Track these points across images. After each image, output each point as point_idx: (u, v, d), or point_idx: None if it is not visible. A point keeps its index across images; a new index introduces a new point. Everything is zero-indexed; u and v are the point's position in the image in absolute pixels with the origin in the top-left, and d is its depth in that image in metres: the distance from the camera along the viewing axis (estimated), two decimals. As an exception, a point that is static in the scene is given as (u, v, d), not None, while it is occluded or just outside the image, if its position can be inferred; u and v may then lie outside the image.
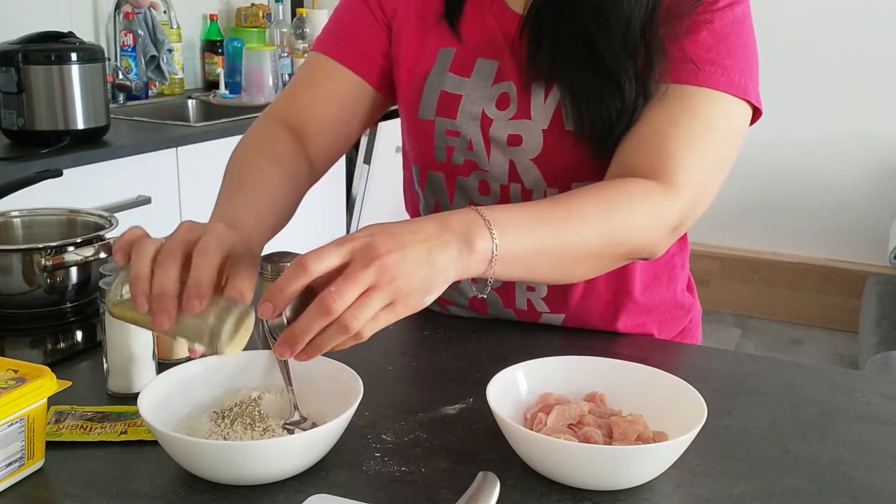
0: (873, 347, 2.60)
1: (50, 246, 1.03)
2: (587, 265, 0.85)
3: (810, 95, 3.48)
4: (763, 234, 3.67)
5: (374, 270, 0.68)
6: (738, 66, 0.91)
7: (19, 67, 2.04)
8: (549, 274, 0.84)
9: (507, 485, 0.71)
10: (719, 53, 0.91)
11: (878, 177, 3.46)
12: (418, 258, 0.70)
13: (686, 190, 0.87)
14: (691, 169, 0.88)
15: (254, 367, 0.84)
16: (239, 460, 0.69)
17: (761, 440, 0.81)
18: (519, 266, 0.78)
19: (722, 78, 0.90)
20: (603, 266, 0.88)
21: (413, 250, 0.70)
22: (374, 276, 0.68)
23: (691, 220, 0.90)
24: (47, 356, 0.99)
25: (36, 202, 1.19)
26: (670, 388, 0.79)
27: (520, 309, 1.06)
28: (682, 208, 0.87)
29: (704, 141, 0.89)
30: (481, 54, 1.00)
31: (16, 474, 0.71)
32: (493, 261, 0.75)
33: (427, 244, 0.71)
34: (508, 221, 0.77)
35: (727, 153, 0.92)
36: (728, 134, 0.92)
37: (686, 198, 0.87)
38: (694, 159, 0.88)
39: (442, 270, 0.71)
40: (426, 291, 0.71)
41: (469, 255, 0.73)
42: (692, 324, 1.16)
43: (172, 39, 2.97)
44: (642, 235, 0.86)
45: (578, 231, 0.82)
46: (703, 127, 0.90)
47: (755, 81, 0.94)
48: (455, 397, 0.88)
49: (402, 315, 0.70)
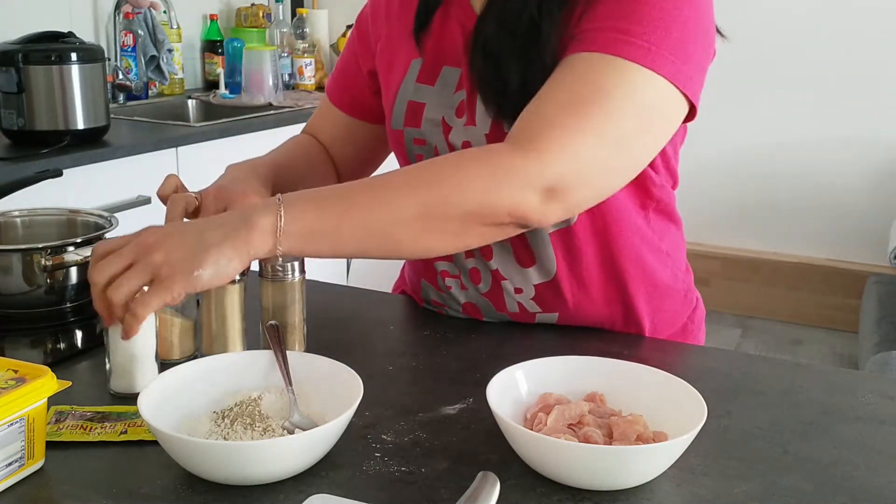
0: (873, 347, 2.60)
1: (50, 246, 1.03)
2: (411, 233, 0.82)
3: (810, 96, 3.47)
4: (763, 234, 3.67)
5: (132, 248, 0.78)
6: (648, 36, 0.84)
7: (19, 67, 2.04)
8: (368, 246, 0.83)
9: (507, 485, 0.71)
10: (623, 20, 0.85)
11: (878, 177, 3.46)
12: (182, 237, 0.77)
13: (556, 152, 0.82)
14: (568, 132, 0.82)
15: (254, 367, 0.84)
16: (239, 460, 0.69)
17: (761, 440, 0.81)
18: (325, 241, 0.81)
19: (619, 44, 0.84)
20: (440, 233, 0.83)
21: (178, 233, 0.78)
22: (133, 253, 0.77)
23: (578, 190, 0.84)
24: (47, 356, 0.99)
25: (36, 202, 1.19)
26: (670, 388, 0.79)
27: (512, 312, 1.06)
28: (553, 171, 0.82)
29: (591, 106, 0.83)
30: (447, 62, 1.02)
31: (16, 474, 0.71)
32: (278, 234, 0.78)
33: (197, 227, 0.79)
34: (300, 197, 0.81)
35: (631, 124, 0.85)
36: (629, 104, 0.85)
37: (558, 160, 0.82)
38: (571, 122, 0.83)
39: (211, 246, 0.77)
40: (191, 266, 0.76)
41: (248, 231, 0.78)
42: (695, 324, 1.15)
43: (172, 39, 2.97)
44: (479, 197, 0.81)
45: (385, 198, 0.82)
46: (591, 92, 0.84)
47: (679, 58, 0.86)
48: (455, 397, 0.88)
49: (175, 290, 0.76)
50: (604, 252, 1.02)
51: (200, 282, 0.76)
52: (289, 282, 0.93)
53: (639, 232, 1.04)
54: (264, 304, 0.94)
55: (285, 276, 0.93)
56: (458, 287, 1.08)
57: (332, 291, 1.21)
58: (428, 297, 1.13)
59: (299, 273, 0.94)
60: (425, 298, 1.14)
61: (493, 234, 0.86)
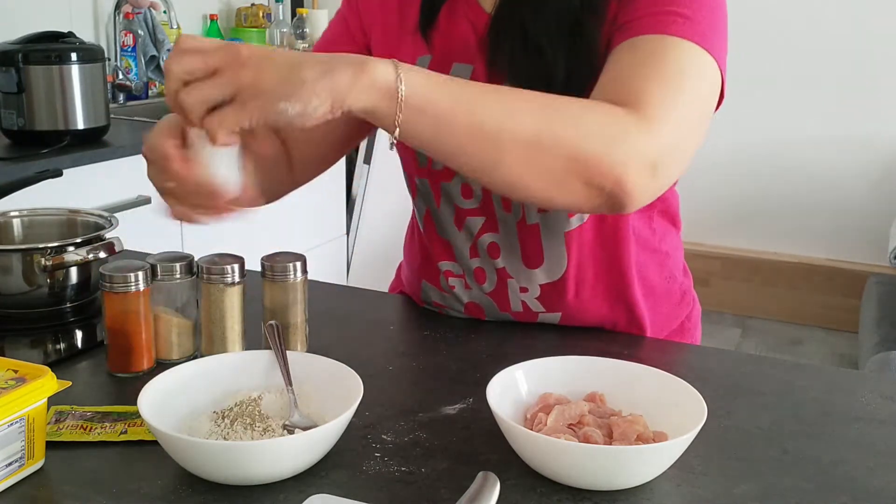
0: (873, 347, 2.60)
1: (50, 246, 1.03)
2: (518, 154, 0.76)
3: (810, 95, 3.48)
4: (763, 234, 3.67)
5: (221, 54, 0.68)
6: (703, 21, 0.85)
7: (19, 67, 2.04)
8: (468, 148, 0.75)
9: (507, 485, 0.71)
10: (681, 5, 0.85)
11: (878, 177, 3.46)
12: (282, 61, 0.69)
13: (663, 126, 0.79)
14: (667, 106, 0.80)
15: (254, 367, 0.84)
16: (239, 460, 0.69)
17: (761, 440, 0.81)
18: (430, 122, 0.73)
19: (685, 27, 0.84)
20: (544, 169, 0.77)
21: (280, 55, 0.69)
22: (220, 60, 0.68)
23: (672, 168, 0.82)
24: (47, 356, 0.99)
25: (36, 202, 1.19)
26: (670, 388, 0.79)
27: (516, 311, 1.06)
28: (660, 145, 0.79)
29: (677, 82, 0.82)
30: (456, 59, 1.00)
31: (16, 474, 0.71)
32: (398, 98, 0.70)
33: (303, 57, 0.70)
34: (424, 71, 0.74)
35: (702, 106, 0.85)
36: (701, 84, 0.85)
37: (664, 134, 0.79)
38: (668, 97, 0.81)
39: (308, 80, 0.68)
40: (278, 94, 0.68)
41: (354, 76, 0.69)
42: (692, 322, 1.16)
43: (172, 39, 2.96)
44: (597, 147, 0.76)
45: (509, 105, 0.76)
46: (673, 70, 0.83)
47: (722, 47, 0.87)
48: (455, 397, 0.88)
49: (254, 116, 0.68)
50: (610, 253, 1.03)
51: (284, 116, 0.69)
52: (290, 282, 0.93)
53: (642, 233, 1.05)
54: (266, 304, 0.94)
55: (287, 276, 0.93)
56: (461, 286, 1.08)
57: (333, 291, 1.21)
58: (428, 298, 1.13)
59: (301, 273, 0.94)
60: (425, 300, 1.13)
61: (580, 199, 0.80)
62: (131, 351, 0.91)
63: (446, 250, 1.07)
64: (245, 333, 0.94)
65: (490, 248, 1.04)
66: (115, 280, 0.89)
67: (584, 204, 0.81)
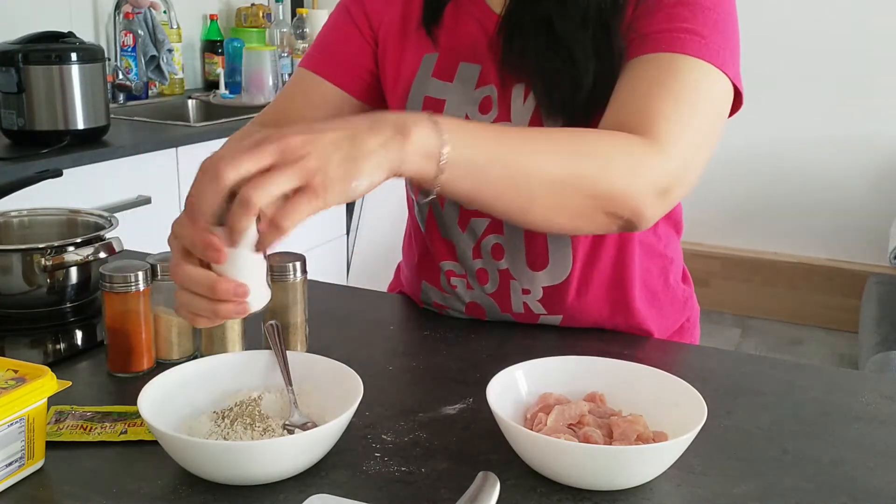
0: (873, 347, 2.60)
1: (50, 246, 1.03)
2: (549, 199, 0.79)
3: (810, 95, 3.47)
4: (763, 234, 3.67)
5: (275, 148, 0.65)
6: (716, 39, 0.88)
7: (19, 67, 2.04)
8: (503, 197, 0.78)
9: (507, 485, 0.71)
10: (696, 24, 0.88)
11: (878, 177, 3.46)
12: (336, 139, 0.67)
13: (674, 150, 0.83)
14: (679, 128, 0.83)
15: (254, 367, 0.84)
16: (239, 460, 0.69)
17: (761, 440, 0.81)
18: (469, 177, 0.74)
19: (699, 46, 0.87)
20: (572, 208, 0.81)
21: (330, 133, 0.67)
22: (276, 153, 0.65)
23: (681, 189, 0.85)
24: (47, 356, 0.99)
25: (36, 202, 1.19)
26: (670, 388, 0.79)
27: (517, 312, 1.06)
28: (671, 170, 0.83)
29: (690, 103, 0.85)
30: (463, 58, 1.00)
31: (16, 474, 0.71)
32: (440, 160, 0.71)
33: (351, 130, 0.69)
34: (460, 125, 0.74)
35: (713, 124, 0.88)
36: (712, 103, 0.88)
37: (676, 159, 0.83)
38: (681, 119, 0.84)
39: (368, 154, 0.67)
40: (349, 175, 0.66)
41: (402, 144, 0.69)
42: (690, 323, 1.16)
43: (172, 39, 2.97)
44: (619, 183, 0.80)
45: (539, 154, 0.78)
46: (686, 90, 0.86)
47: (735, 61, 0.90)
48: (455, 397, 0.88)
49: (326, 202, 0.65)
50: (615, 257, 1.03)
51: (356, 192, 0.67)
52: (290, 282, 0.93)
53: (647, 238, 1.05)
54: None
55: (287, 276, 0.93)
56: (463, 287, 1.08)
57: (332, 291, 1.21)
58: (429, 298, 1.13)
59: (301, 273, 0.94)
60: (425, 300, 1.13)
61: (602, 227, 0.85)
62: (131, 351, 0.91)
63: (449, 251, 1.07)
64: (245, 333, 0.94)
65: (494, 250, 1.04)
66: (115, 280, 0.89)
67: (605, 230, 0.86)
